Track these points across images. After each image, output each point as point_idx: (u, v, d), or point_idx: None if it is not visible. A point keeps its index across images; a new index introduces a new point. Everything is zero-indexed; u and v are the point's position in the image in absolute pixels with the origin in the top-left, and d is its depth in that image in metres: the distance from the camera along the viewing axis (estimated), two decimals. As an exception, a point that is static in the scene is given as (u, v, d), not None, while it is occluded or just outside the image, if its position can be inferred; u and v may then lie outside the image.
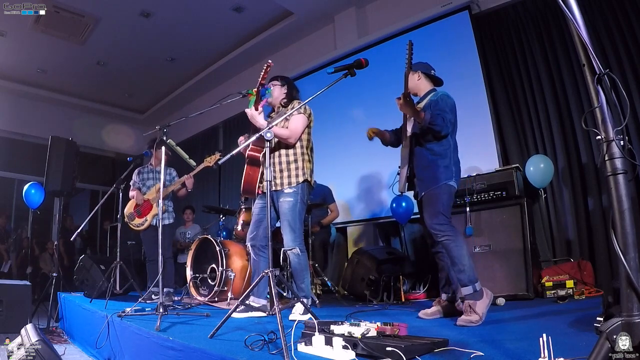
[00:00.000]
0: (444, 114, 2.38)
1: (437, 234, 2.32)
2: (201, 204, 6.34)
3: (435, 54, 4.40)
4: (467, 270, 2.25)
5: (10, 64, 6.88)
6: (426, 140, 2.48)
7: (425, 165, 2.48)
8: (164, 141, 2.78)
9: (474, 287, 2.23)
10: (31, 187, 5.06)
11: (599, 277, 3.35)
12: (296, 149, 2.80)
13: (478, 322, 2.13)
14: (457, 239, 2.31)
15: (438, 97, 2.51)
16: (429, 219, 2.37)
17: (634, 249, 1.12)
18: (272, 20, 6.10)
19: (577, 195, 3.79)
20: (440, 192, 2.41)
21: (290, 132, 2.73)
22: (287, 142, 2.76)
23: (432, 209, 2.38)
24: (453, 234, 2.32)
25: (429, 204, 2.41)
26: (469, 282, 2.23)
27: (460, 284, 2.26)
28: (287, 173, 2.76)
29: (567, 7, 1.27)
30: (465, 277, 2.24)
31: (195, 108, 6.09)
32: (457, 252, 2.27)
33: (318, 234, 4.61)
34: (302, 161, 2.79)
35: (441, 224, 2.33)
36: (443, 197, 2.41)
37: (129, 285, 3.94)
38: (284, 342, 1.51)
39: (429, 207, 2.41)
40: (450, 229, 2.34)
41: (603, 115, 1.20)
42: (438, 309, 2.47)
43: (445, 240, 2.31)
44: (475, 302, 2.19)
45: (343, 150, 5.45)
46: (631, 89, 3.47)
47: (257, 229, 2.81)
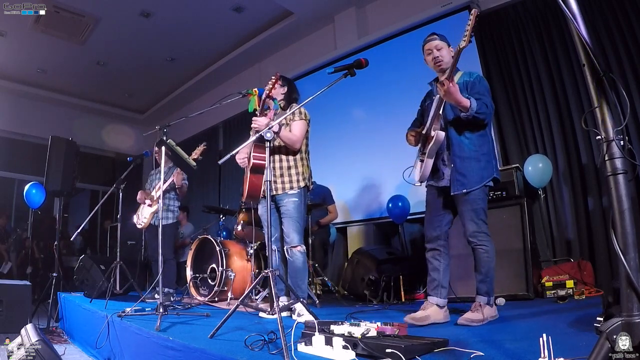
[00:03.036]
0: (484, 98, 2.18)
1: (475, 242, 2.21)
2: (201, 204, 6.34)
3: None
4: (490, 283, 2.21)
5: (10, 64, 6.88)
6: (466, 128, 2.25)
7: (466, 157, 2.25)
8: (164, 141, 2.79)
9: (489, 299, 2.20)
10: (32, 187, 5.06)
11: (599, 277, 3.35)
12: (296, 154, 2.84)
13: (479, 323, 2.10)
14: (492, 250, 2.22)
15: (474, 79, 2.31)
16: (471, 226, 2.22)
17: (634, 249, 1.12)
18: (272, 20, 6.10)
19: (577, 195, 3.79)
20: (483, 196, 2.26)
21: (297, 138, 2.77)
22: (292, 147, 2.79)
23: (475, 215, 2.22)
24: (490, 246, 2.21)
25: (469, 207, 2.23)
26: (486, 293, 2.20)
27: (479, 292, 2.22)
28: (288, 178, 2.80)
29: (567, 7, 1.27)
30: (485, 288, 2.21)
31: (195, 108, 6.09)
32: (488, 265, 2.20)
33: (318, 234, 4.61)
34: (301, 166, 2.84)
35: (482, 233, 2.21)
36: (485, 201, 2.27)
37: (129, 285, 3.94)
38: (284, 342, 1.51)
39: (470, 212, 2.23)
40: (488, 240, 2.22)
41: (603, 115, 1.20)
42: (427, 314, 2.22)
43: (481, 250, 2.21)
44: (486, 305, 2.17)
45: (343, 150, 5.46)
46: (631, 89, 3.47)
47: (276, 231, 2.84)
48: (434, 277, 2.32)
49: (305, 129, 2.84)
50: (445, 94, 2.10)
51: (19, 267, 6.58)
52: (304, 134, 2.84)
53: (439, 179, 2.35)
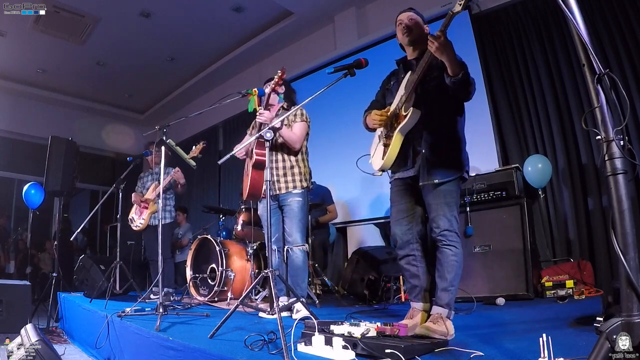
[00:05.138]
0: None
1: (443, 241, 1.90)
2: (201, 204, 6.34)
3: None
4: (453, 294, 1.89)
5: (10, 64, 6.88)
6: (442, 109, 1.98)
7: (441, 142, 1.97)
8: (164, 141, 2.79)
9: (450, 314, 1.86)
10: (31, 187, 5.06)
11: (599, 277, 3.35)
12: (296, 154, 2.88)
13: (442, 337, 1.69)
14: (461, 255, 1.92)
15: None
16: (443, 222, 1.90)
17: (634, 249, 1.12)
18: (272, 20, 6.09)
19: (577, 195, 3.79)
20: (458, 189, 1.98)
21: (297, 138, 2.81)
22: (292, 146, 2.82)
23: (449, 210, 1.91)
24: (460, 249, 1.91)
25: (442, 200, 1.92)
26: (447, 305, 1.86)
27: (438, 302, 1.87)
28: (291, 177, 2.84)
29: (567, 7, 1.27)
30: (447, 299, 1.86)
31: (195, 108, 6.09)
32: (455, 270, 1.88)
33: (318, 234, 4.61)
34: (302, 167, 2.89)
35: (454, 233, 1.91)
36: (459, 195, 1.99)
37: (128, 285, 3.94)
38: (283, 342, 1.51)
39: (443, 206, 1.91)
40: (459, 242, 1.92)
41: (603, 115, 1.20)
42: (416, 322, 1.92)
43: (449, 251, 1.89)
44: (447, 319, 1.84)
45: (343, 150, 5.44)
46: (631, 89, 3.47)
47: (277, 231, 2.85)
48: (414, 284, 2.02)
49: (305, 130, 2.90)
50: (438, 47, 1.79)
51: (19, 267, 6.58)
52: (305, 135, 2.89)
53: (406, 168, 2.04)
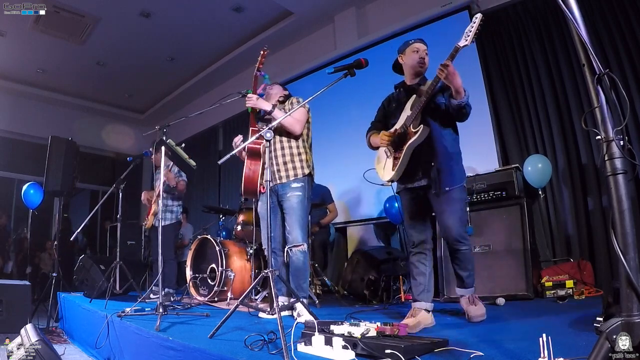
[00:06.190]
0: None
1: (462, 242, 2.22)
2: (201, 204, 6.34)
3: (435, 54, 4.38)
4: (473, 275, 2.33)
5: (10, 64, 6.88)
6: (445, 126, 2.26)
7: (447, 154, 2.23)
8: (164, 141, 2.79)
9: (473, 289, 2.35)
10: (30, 187, 5.06)
11: (599, 277, 3.35)
12: (299, 142, 2.80)
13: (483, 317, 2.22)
14: (471, 247, 2.32)
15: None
16: (456, 227, 2.19)
17: (634, 249, 1.12)
18: (272, 20, 6.10)
19: (577, 195, 3.79)
20: (464, 196, 2.29)
21: (295, 120, 2.70)
22: (292, 129, 2.73)
23: (458, 215, 2.21)
24: (470, 244, 2.28)
25: (453, 206, 2.19)
26: (472, 285, 2.33)
27: (468, 285, 2.32)
28: (292, 165, 2.74)
29: (567, 7, 1.27)
30: (472, 281, 2.32)
31: (195, 108, 6.09)
32: (471, 262, 2.31)
33: (318, 234, 4.61)
34: (305, 154, 2.80)
35: (465, 236, 2.25)
36: (464, 201, 2.31)
37: (128, 285, 3.94)
38: (283, 342, 1.51)
39: (454, 213, 2.19)
40: (469, 238, 2.29)
41: (603, 115, 1.20)
42: (419, 321, 2.10)
43: (467, 250, 2.25)
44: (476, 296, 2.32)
45: (342, 150, 5.45)
46: (631, 89, 3.47)
47: (275, 231, 2.75)
48: (420, 281, 2.26)
49: (305, 116, 2.80)
50: (447, 75, 2.03)
51: (19, 267, 6.58)
52: (304, 120, 2.79)
53: (415, 179, 2.27)
